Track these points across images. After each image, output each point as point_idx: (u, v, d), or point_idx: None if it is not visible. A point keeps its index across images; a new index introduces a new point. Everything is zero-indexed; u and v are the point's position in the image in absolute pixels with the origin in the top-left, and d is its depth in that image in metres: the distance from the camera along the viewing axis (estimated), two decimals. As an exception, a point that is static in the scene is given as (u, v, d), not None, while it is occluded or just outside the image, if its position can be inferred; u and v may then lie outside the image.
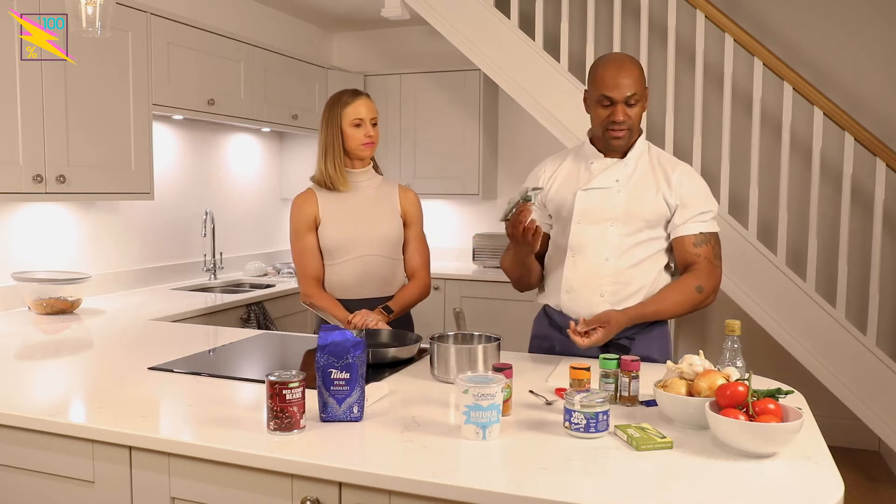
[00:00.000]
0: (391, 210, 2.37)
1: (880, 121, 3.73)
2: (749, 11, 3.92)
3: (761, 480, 1.19)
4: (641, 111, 1.97)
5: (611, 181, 2.00)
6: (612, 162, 2.02)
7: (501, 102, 4.61)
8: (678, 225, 1.97)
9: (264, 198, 4.46)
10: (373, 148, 2.33)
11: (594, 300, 1.97)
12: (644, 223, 1.97)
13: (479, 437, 1.34)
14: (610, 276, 1.96)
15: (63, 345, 2.32)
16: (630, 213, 1.97)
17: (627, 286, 1.97)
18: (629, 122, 1.94)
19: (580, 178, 2.04)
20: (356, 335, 1.47)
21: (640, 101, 1.95)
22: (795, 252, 3.72)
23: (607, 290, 1.96)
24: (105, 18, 2.06)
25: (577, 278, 2.00)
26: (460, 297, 4.18)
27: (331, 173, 2.31)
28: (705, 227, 1.97)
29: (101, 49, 2.85)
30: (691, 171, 2.03)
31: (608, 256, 1.97)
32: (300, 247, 2.33)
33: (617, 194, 1.98)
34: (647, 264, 1.98)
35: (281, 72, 3.96)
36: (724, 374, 1.42)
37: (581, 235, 2.00)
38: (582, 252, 1.99)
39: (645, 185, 1.99)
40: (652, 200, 1.97)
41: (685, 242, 1.96)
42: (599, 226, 1.98)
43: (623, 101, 1.92)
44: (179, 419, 1.53)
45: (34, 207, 3.00)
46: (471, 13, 3.51)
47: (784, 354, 3.27)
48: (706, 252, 1.96)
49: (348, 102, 2.30)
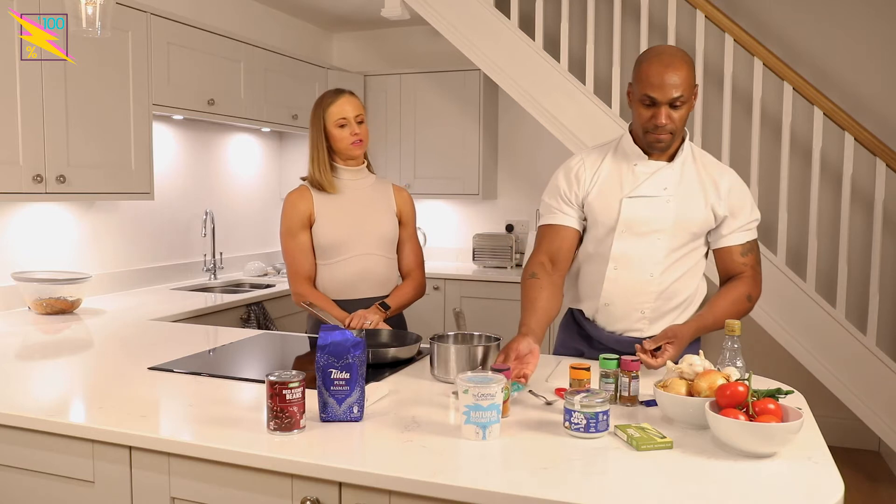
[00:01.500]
0: (387, 209, 2.35)
1: (880, 121, 3.73)
2: (749, 11, 3.92)
3: (761, 480, 1.19)
4: (687, 113, 1.82)
5: (659, 189, 1.86)
6: (659, 166, 1.88)
7: (501, 102, 4.61)
8: (725, 235, 1.90)
9: (264, 198, 4.46)
10: (362, 146, 2.29)
11: (633, 316, 1.91)
12: (691, 235, 1.88)
13: (479, 437, 1.34)
14: (653, 293, 1.89)
15: (63, 345, 2.32)
16: (679, 225, 1.86)
17: (669, 302, 1.91)
18: (672, 125, 1.79)
19: (624, 181, 1.89)
20: (356, 335, 1.47)
21: (686, 103, 1.79)
22: (795, 252, 3.72)
23: (648, 307, 1.90)
24: (105, 18, 2.06)
25: (617, 292, 1.90)
26: (460, 297, 4.18)
27: (318, 177, 2.28)
28: (750, 237, 1.92)
29: (101, 49, 2.85)
30: (738, 179, 1.93)
31: (653, 272, 1.88)
32: (293, 245, 2.28)
33: (666, 204, 1.86)
34: (687, 276, 1.92)
35: (281, 72, 3.96)
36: (724, 374, 1.42)
37: (626, 247, 1.88)
38: (626, 266, 1.88)
39: (693, 193, 1.87)
40: (701, 211, 1.87)
41: (732, 252, 1.90)
42: (646, 238, 1.87)
43: (668, 102, 1.77)
44: (179, 419, 1.53)
45: (34, 207, 3.00)
46: (471, 13, 3.50)
47: (784, 354, 3.27)
48: (752, 261, 1.91)
49: (331, 102, 2.27)
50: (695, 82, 1.82)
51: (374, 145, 4.65)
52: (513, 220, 4.62)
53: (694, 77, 1.81)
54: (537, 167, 4.49)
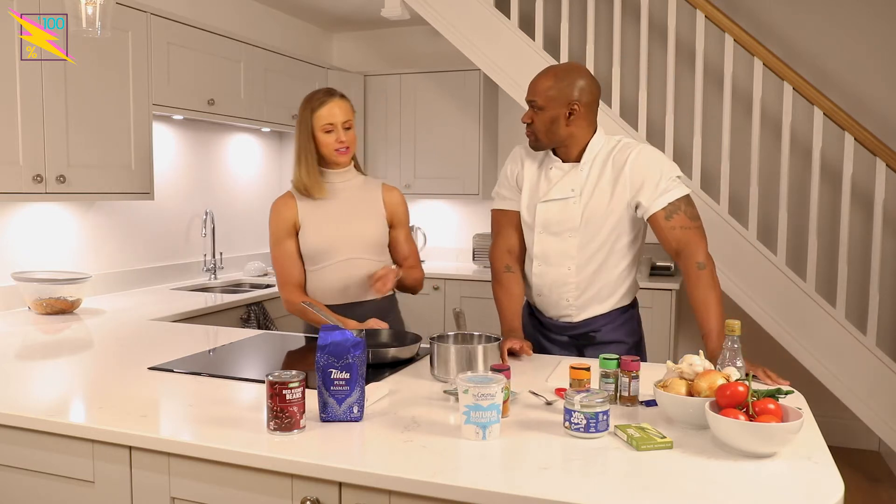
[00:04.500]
0: (375, 212, 2.29)
1: (880, 121, 3.73)
2: (749, 11, 3.92)
3: (761, 480, 1.19)
4: (547, 120, 2.00)
5: (567, 191, 2.04)
6: (568, 168, 2.06)
7: (501, 102, 4.61)
8: (644, 206, 1.97)
9: (264, 198, 4.46)
10: (348, 153, 2.23)
11: (561, 304, 2.12)
12: (603, 228, 2.02)
13: (479, 437, 1.34)
14: (573, 284, 2.08)
15: (63, 345, 2.32)
16: (587, 222, 2.02)
17: (589, 289, 2.08)
18: (532, 126, 2.02)
19: (540, 185, 2.10)
20: (356, 335, 1.47)
21: (542, 109, 1.99)
22: (795, 252, 3.72)
23: (571, 295, 2.09)
24: (105, 18, 2.06)
25: (545, 285, 2.12)
26: (460, 297, 4.18)
27: (305, 181, 2.21)
28: (670, 196, 1.95)
29: (101, 49, 2.85)
30: (642, 151, 2.00)
31: (570, 266, 2.07)
32: (280, 253, 2.25)
33: (573, 205, 2.03)
34: (609, 265, 2.06)
35: (281, 72, 3.96)
36: (724, 374, 1.42)
37: (544, 246, 2.09)
38: (546, 262, 2.10)
39: (601, 191, 2.01)
40: (607, 206, 2.00)
41: (657, 220, 1.96)
42: (560, 237, 2.06)
43: (528, 102, 2.02)
44: (179, 419, 1.53)
45: (34, 207, 3.00)
46: (471, 13, 3.51)
47: (784, 354, 3.27)
48: (680, 221, 1.95)
49: (320, 105, 2.19)
50: (560, 96, 1.98)
51: (374, 145, 4.65)
52: (513, 220, 4.61)
53: (559, 91, 1.98)
54: (537, 167, 4.48)
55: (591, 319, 2.11)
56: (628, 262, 2.09)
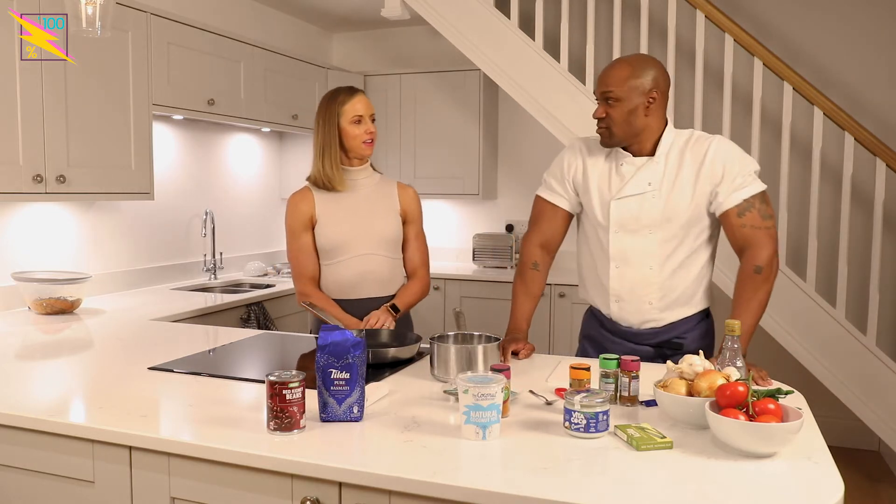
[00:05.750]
0: (390, 208, 2.34)
1: (880, 121, 3.73)
2: (749, 11, 3.92)
3: (761, 480, 1.19)
4: (625, 112, 1.91)
5: (643, 185, 1.95)
6: (642, 162, 1.96)
7: (501, 102, 4.61)
8: (720, 201, 1.90)
9: (264, 198, 4.46)
10: (373, 145, 2.31)
11: (643, 308, 2.00)
12: (682, 224, 1.93)
13: (479, 437, 1.34)
14: (657, 284, 1.97)
15: (63, 345, 2.32)
16: (667, 218, 1.93)
17: (674, 290, 1.98)
18: (607, 120, 1.93)
19: (612, 182, 1.99)
20: (356, 335, 1.47)
21: (620, 101, 1.90)
22: (795, 252, 3.72)
23: (654, 297, 1.98)
24: (105, 18, 2.06)
25: (624, 288, 2.00)
26: (460, 297, 4.18)
27: (328, 173, 2.26)
28: (746, 193, 1.89)
29: (101, 49, 2.85)
30: (722, 144, 1.94)
31: (652, 265, 1.96)
32: (296, 246, 2.29)
33: (652, 200, 1.94)
34: (690, 262, 1.97)
35: (281, 72, 3.96)
36: (724, 374, 1.42)
37: (622, 246, 1.98)
38: (626, 262, 1.98)
39: (680, 184, 1.93)
40: (688, 199, 1.92)
41: (729, 216, 1.90)
42: (639, 234, 1.96)
43: (601, 97, 1.93)
44: (179, 419, 1.53)
45: (34, 207, 3.00)
46: (471, 13, 3.50)
47: (784, 354, 3.27)
48: (752, 219, 1.89)
49: (346, 100, 2.26)
50: (639, 85, 1.90)
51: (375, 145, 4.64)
52: (513, 220, 4.62)
53: (637, 80, 1.90)
54: (537, 167, 4.45)
55: (677, 323, 2.01)
56: (706, 259, 2.01)
